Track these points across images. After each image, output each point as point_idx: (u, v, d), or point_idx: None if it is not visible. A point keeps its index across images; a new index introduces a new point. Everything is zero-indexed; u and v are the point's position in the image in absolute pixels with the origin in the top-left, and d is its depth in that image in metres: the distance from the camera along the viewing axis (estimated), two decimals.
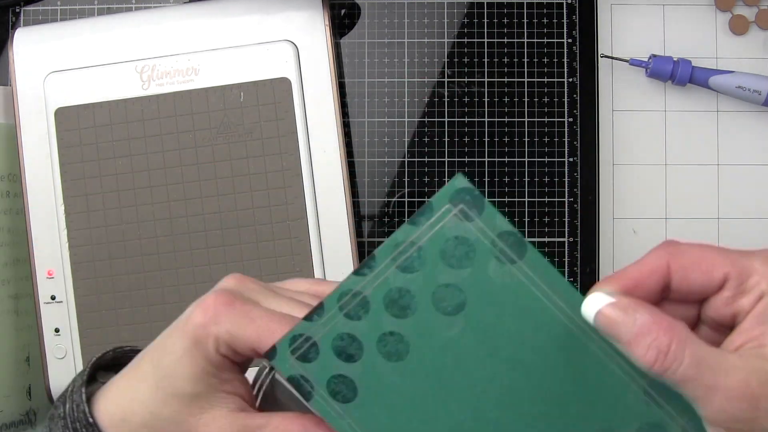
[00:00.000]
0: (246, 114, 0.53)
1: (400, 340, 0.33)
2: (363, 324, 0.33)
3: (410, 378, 0.33)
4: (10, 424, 0.54)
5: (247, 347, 0.33)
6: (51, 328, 0.54)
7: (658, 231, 0.58)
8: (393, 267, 0.33)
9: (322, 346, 0.33)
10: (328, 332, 0.33)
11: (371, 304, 0.33)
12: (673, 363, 0.28)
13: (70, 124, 0.53)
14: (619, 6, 0.58)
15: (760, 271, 0.30)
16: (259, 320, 0.33)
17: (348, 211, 0.53)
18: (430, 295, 0.33)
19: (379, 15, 0.58)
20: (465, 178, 0.32)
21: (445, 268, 0.32)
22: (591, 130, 0.57)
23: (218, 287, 0.35)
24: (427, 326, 0.33)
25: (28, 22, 0.58)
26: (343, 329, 0.33)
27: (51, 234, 0.54)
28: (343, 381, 0.33)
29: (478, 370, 0.33)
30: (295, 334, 0.33)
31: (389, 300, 0.33)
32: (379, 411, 0.33)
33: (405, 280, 0.33)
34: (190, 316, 0.34)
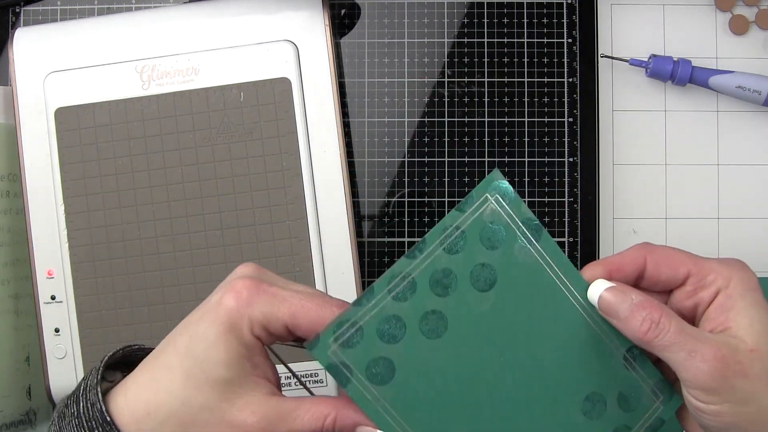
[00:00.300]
0: (246, 114, 0.53)
1: (441, 318, 0.36)
2: (408, 305, 0.36)
3: (445, 354, 0.36)
4: (10, 424, 0.54)
5: (281, 326, 0.34)
6: (51, 328, 0.54)
7: (658, 231, 0.58)
8: (440, 249, 0.36)
9: (367, 330, 0.35)
10: (375, 315, 0.36)
11: (418, 285, 0.36)
12: (662, 331, 0.34)
13: (70, 124, 0.53)
14: (619, 6, 0.58)
15: (717, 270, 0.36)
16: (291, 299, 0.35)
17: (348, 211, 0.53)
18: (469, 274, 0.37)
19: (379, 15, 0.58)
20: (500, 173, 0.37)
21: (482, 249, 0.37)
22: (591, 130, 0.57)
23: (238, 274, 0.36)
24: (464, 303, 0.36)
25: (28, 22, 0.58)
26: (390, 312, 0.36)
27: (51, 234, 0.54)
28: (382, 363, 0.36)
29: (503, 340, 0.37)
30: (342, 320, 0.35)
31: (434, 280, 0.36)
32: (413, 389, 0.36)
33: (449, 261, 0.36)
34: (220, 301, 0.34)
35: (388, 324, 0.36)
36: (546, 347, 0.37)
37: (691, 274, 0.37)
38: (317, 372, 0.52)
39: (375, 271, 0.57)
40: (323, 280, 0.53)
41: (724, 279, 0.36)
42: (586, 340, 0.38)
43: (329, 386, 0.52)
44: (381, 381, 0.35)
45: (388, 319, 0.36)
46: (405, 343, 0.36)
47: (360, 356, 0.35)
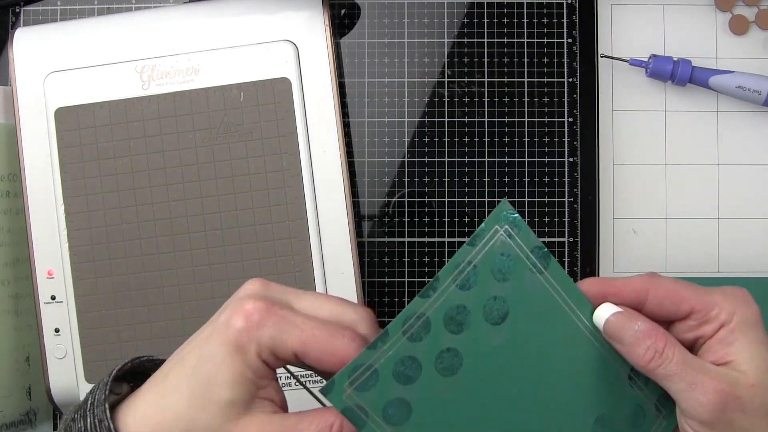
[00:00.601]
0: (246, 114, 0.53)
1: (455, 355, 0.36)
2: (423, 344, 0.36)
3: (461, 390, 0.36)
4: (10, 424, 0.54)
5: (289, 353, 0.34)
6: (51, 328, 0.54)
7: (658, 231, 0.58)
8: (453, 286, 0.36)
9: (382, 373, 0.35)
10: (390, 357, 0.35)
11: (432, 324, 0.36)
12: (665, 361, 0.35)
13: (70, 124, 0.53)
14: (619, 6, 0.58)
15: (721, 305, 0.36)
16: (303, 326, 0.34)
17: (348, 211, 0.53)
18: (482, 308, 0.36)
19: (379, 15, 0.58)
20: (509, 204, 0.37)
21: (494, 282, 0.36)
22: (591, 130, 0.57)
23: (248, 292, 0.35)
24: (478, 338, 0.36)
25: (28, 22, 0.58)
26: (405, 353, 0.35)
27: (51, 234, 0.54)
28: (398, 404, 0.35)
29: (517, 371, 0.37)
30: (356, 364, 0.35)
31: (448, 318, 0.36)
32: (429, 427, 0.36)
33: (462, 297, 0.36)
34: (229, 322, 0.34)
35: (404, 365, 0.35)
36: (557, 374, 0.37)
37: (695, 311, 0.37)
38: None
39: (375, 271, 0.57)
40: (323, 280, 0.53)
41: (727, 314, 0.36)
42: (594, 364, 0.38)
43: None
44: (397, 422, 0.35)
45: (404, 361, 0.35)
46: (421, 383, 0.36)
47: (375, 399, 0.35)
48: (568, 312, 0.37)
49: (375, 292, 0.57)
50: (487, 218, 0.37)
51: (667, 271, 0.57)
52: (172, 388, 0.34)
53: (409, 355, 0.35)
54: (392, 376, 0.35)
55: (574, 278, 0.56)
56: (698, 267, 0.57)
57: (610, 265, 0.57)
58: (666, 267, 0.57)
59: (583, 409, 0.37)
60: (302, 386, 0.44)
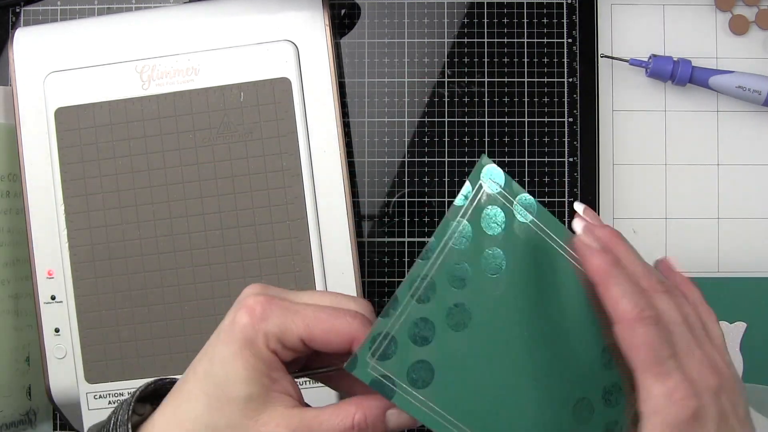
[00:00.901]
0: (246, 114, 0.53)
1: (463, 309, 0.37)
2: (432, 304, 0.37)
3: (475, 342, 0.37)
4: (10, 424, 0.54)
5: (296, 338, 0.34)
6: (51, 328, 0.54)
7: (658, 231, 0.58)
8: (450, 245, 0.37)
9: (400, 338, 0.36)
10: (403, 322, 0.36)
11: (437, 284, 0.37)
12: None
13: (70, 124, 0.53)
14: (619, 6, 0.58)
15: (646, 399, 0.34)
16: (304, 311, 0.35)
17: (348, 211, 0.53)
18: (480, 262, 0.37)
19: (379, 15, 0.58)
20: (487, 158, 0.38)
21: (486, 236, 0.37)
22: (591, 130, 0.57)
23: (247, 293, 0.36)
24: (481, 290, 0.37)
25: (28, 22, 0.58)
26: (417, 315, 0.37)
27: (51, 234, 0.54)
28: (421, 366, 0.36)
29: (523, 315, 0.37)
30: (375, 334, 0.36)
31: (450, 275, 0.37)
32: (454, 383, 0.37)
33: (460, 254, 0.37)
34: (234, 320, 0.34)
35: (418, 327, 0.37)
36: (560, 311, 0.38)
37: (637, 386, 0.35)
38: None
39: (375, 271, 0.57)
40: (323, 280, 0.53)
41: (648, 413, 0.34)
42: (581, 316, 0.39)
43: None
44: (423, 384, 0.36)
45: (417, 323, 0.37)
46: (437, 341, 0.37)
47: (399, 365, 0.36)
48: (560, 252, 0.39)
49: (375, 292, 0.57)
50: (471, 174, 0.38)
51: None
52: (187, 397, 0.34)
53: (421, 316, 0.37)
54: (409, 340, 0.36)
55: None
56: (698, 267, 0.57)
57: None
58: None
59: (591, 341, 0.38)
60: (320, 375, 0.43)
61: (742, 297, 0.56)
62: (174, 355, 0.53)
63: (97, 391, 0.53)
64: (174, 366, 0.53)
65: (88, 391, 0.53)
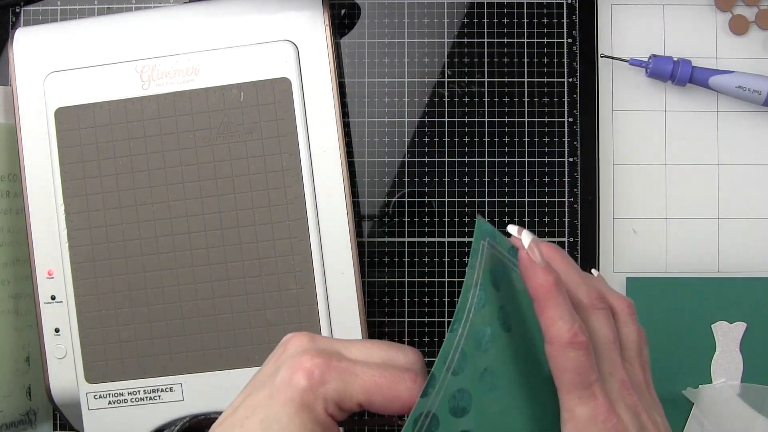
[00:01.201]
0: (246, 114, 0.53)
1: (492, 371, 0.37)
2: (466, 373, 0.37)
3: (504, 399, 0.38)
4: (10, 424, 0.54)
5: (354, 403, 0.34)
6: (51, 328, 0.54)
7: (658, 231, 0.58)
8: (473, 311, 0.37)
9: (441, 414, 0.36)
10: (442, 397, 0.36)
11: (467, 353, 0.37)
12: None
13: (70, 124, 0.53)
14: (619, 6, 0.58)
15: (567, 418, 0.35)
16: (363, 375, 0.34)
17: (348, 211, 0.53)
18: (498, 320, 0.38)
19: (379, 15, 0.58)
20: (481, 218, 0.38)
21: (496, 293, 0.38)
22: (591, 130, 0.57)
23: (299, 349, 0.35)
24: (500, 349, 0.38)
25: (28, 22, 0.58)
26: (454, 387, 0.36)
27: (51, 234, 0.54)
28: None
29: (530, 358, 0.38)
30: (416, 415, 0.35)
31: (477, 342, 0.37)
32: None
33: (482, 318, 0.37)
34: (291, 380, 0.34)
35: (456, 399, 0.37)
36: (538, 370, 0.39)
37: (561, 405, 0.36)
38: None
39: (375, 271, 0.57)
40: (323, 280, 0.53)
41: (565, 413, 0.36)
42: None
43: None
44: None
45: (455, 395, 0.37)
46: (474, 408, 0.37)
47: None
48: None
49: (375, 292, 0.57)
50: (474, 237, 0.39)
51: (667, 271, 0.57)
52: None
53: (458, 388, 0.37)
54: (449, 414, 0.37)
55: None
56: (698, 267, 0.57)
57: (610, 265, 0.57)
58: (666, 267, 0.57)
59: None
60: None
61: (742, 297, 0.56)
62: (174, 355, 0.53)
63: (97, 391, 0.53)
64: (174, 366, 0.53)
65: (88, 391, 0.53)
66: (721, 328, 0.56)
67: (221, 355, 0.53)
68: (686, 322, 0.56)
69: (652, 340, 0.57)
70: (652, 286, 0.56)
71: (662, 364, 0.56)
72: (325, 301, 0.53)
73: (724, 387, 0.56)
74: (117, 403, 0.53)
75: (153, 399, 0.53)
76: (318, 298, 0.52)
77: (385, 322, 0.57)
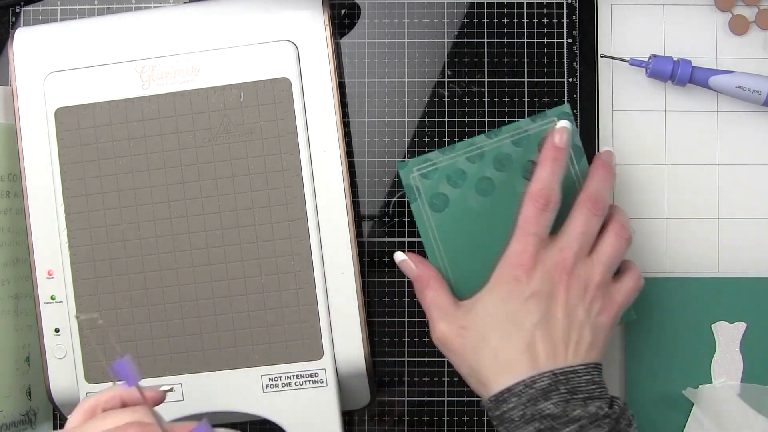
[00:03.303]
0: (246, 114, 0.53)
1: (491, 183, 0.53)
2: (474, 166, 0.53)
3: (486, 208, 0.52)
4: (10, 424, 0.54)
5: None
6: (51, 328, 0.54)
7: (658, 231, 0.58)
8: (509, 139, 0.53)
9: (440, 171, 0.53)
10: (449, 163, 0.53)
11: (485, 156, 0.53)
12: None
13: (70, 124, 0.53)
14: (619, 6, 0.58)
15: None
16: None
17: (348, 211, 0.53)
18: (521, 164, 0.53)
19: (379, 15, 0.58)
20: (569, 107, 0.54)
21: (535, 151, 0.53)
22: (591, 130, 0.57)
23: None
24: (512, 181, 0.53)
25: (28, 22, 0.58)
26: (460, 166, 0.53)
27: (51, 234, 0.54)
28: (441, 197, 0.53)
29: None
30: (427, 157, 0.53)
31: (497, 158, 0.53)
32: (455, 223, 0.53)
33: (512, 149, 0.53)
34: None
35: (456, 174, 0.53)
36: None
37: None
38: (317, 372, 0.52)
39: (375, 271, 0.57)
40: (323, 280, 0.53)
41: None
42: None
43: (329, 386, 0.52)
44: (436, 209, 0.53)
45: (457, 171, 0.53)
46: (462, 190, 0.52)
47: (429, 187, 0.53)
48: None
49: (375, 292, 0.57)
50: (553, 108, 0.54)
51: (667, 271, 0.57)
52: None
53: (462, 168, 0.53)
54: (445, 177, 0.53)
55: None
56: (698, 267, 0.57)
57: None
58: (666, 267, 0.57)
59: None
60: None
61: (742, 297, 0.56)
62: (174, 355, 0.53)
63: (97, 391, 0.53)
64: (174, 366, 0.53)
65: (88, 391, 0.53)
66: (721, 328, 0.56)
67: (221, 355, 0.53)
68: (686, 322, 0.56)
69: (653, 340, 0.57)
70: (652, 286, 0.56)
71: (662, 364, 0.56)
72: (325, 301, 0.53)
73: (724, 387, 0.56)
74: None
75: None
76: (318, 298, 0.52)
77: (385, 322, 0.57)
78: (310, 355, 0.52)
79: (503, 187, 0.52)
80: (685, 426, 0.56)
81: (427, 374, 0.57)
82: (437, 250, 0.52)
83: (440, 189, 0.52)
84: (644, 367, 0.56)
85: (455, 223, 0.52)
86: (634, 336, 0.56)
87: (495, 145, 0.52)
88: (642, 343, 0.56)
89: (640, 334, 0.56)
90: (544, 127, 0.52)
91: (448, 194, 0.52)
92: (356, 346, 0.53)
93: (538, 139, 0.52)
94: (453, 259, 0.52)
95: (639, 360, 0.56)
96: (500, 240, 0.50)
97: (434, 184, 0.52)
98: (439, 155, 0.52)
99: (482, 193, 0.52)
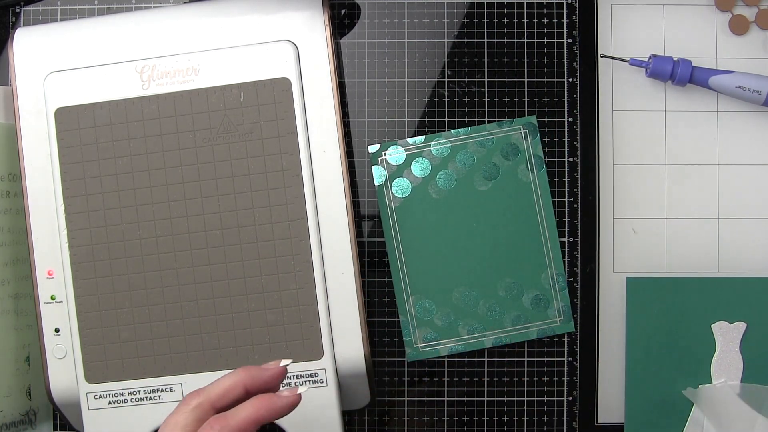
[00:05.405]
0: (246, 114, 0.53)
1: (453, 179, 0.56)
2: (439, 160, 0.57)
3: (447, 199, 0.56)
4: (10, 424, 0.54)
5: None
6: (51, 328, 0.54)
7: (658, 231, 0.58)
8: (475, 139, 0.56)
9: (407, 159, 0.57)
10: (416, 152, 0.56)
11: (451, 152, 0.57)
12: None
13: (70, 124, 0.53)
14: (619, 6, 0.58)
15: None
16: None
17: (348, 211, 0.53)
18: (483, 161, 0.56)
19: (379, 15, 0.58)
20: (535, 119, 0.56)
21: (499, 156, 0.56)
22: (591, 130, 0.57)
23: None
24: (470, 174, 0.56)
25: (28, 22, 0.58)
26: (426, 156, 0.57)
27: (51, 234, 0.54)
28: (405, 183, 0.56)
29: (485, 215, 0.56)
30: (398, 143, 0.56)
31: (461, 156, 0.57)
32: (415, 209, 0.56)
33: (475, 148, 0.56)
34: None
35: (421, 163, 0.56)
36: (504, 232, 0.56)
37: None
38: (317, 372, 0.52)
39: (375, 271, 0.57)
40: (323, 280, 0.53)
41: None
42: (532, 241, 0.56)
43: (329, 386, 0.52)
44: (399, 193, 0.56)
45: (423, 161, 0.56)
46: (425, 179, 0.56)
47: (396, 171, 0.56)
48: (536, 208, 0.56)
49: (375, 292, 0.57)
50: (519, 119, 0.56)
51: (667, 271, 0.57)
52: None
53: (428, 159, 0.56)
54: (411, 164, 0.56)
55: (575, 279, 0.56)
56: (698, 267, 0.57)
57: (610, 265, 0.57)
58: (666, 267, 0.57)
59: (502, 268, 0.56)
60: None
61: (742, 297, 0.56)
62: (174, 355, 0.53)
63: (97, 391, 0.53)
64: (174, 366, 0.53)
65: (88, 391, 0.53)
66: (721, 328, 0.56)
67: (221, 355, 0.53)
68: (686, 322, 0.56)
69: (653, 340, 0.57)
70: (652, 286, 0.56)
71: (662, 364, 0.56)
72: (325, 301, 0.53)
73: (724, 387, 0.56)
74: (117, 403, 0.53)
75: (153, 399, 0.53)
76: (318, 298, 0.52)
77: (385, 322, 0.57)
78: (310, 355, 0.52)
79: (463, 183, 0.56)
80: (685, 426, 0.56)
81: (427, 374, 0.57)
82: (393, 235, 0.56)
83: (405, 175, 0.56)
84: (644, 367, 0.56)
85: (414, 209, 0.56)
86: (634, 336, 0.56)
87: (461, 142, 0.56)
88: (642, 343, 0.56)
89: (640, 334, 0.56)
90: (510, 133, 0.56)
91: (412, 181, 0.56)
92: (356, 346, 0.53)
93: (501, 143, 0.56)
94: (408, 246, 0.56)
95: (639, 360, 0.56)
96: (453, 231, 0.55)
97: (401, 169, 0.56)
98: (408, 143, 0.56)
99: (443, 185, 0.56)
